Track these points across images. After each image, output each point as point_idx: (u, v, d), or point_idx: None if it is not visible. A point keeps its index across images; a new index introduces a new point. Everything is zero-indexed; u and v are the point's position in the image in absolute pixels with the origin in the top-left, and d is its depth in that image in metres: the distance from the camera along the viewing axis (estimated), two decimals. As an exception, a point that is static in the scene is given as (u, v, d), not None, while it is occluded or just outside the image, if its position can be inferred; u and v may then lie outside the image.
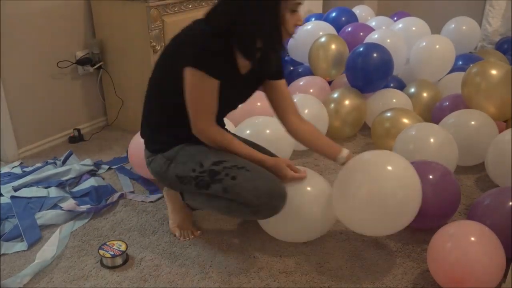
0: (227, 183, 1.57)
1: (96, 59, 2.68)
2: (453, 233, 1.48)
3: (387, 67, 2.67)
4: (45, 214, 1.91)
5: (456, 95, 2.57)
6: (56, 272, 1.64)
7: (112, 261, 1.65)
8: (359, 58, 2.65)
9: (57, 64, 2.55)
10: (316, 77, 2.89)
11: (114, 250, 1.67)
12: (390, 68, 2.68)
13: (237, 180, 1.56)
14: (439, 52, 2.90)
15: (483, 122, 2.24)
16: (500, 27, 4.02)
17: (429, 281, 1.59)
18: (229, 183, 1.57)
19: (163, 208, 2.01)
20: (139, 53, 2.55)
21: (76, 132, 2.68)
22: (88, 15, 2.67)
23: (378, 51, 2.64)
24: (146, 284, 1.58)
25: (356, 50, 2.69)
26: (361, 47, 2.69)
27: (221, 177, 1.58)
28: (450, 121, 2.29)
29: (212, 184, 1.59)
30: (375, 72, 2.64)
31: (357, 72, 2.67)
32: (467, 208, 1.99)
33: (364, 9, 3.89)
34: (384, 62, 2.65)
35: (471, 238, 1.45)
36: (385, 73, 2.68)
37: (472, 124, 2.23)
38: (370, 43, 2.77)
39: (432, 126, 2.18)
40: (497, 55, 3.28)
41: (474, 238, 1.45)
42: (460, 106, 2.46)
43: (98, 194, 2.08)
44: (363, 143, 2.67)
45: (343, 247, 1.77)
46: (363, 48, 2.67)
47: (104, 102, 2.87)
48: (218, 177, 1.58)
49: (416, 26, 3.23)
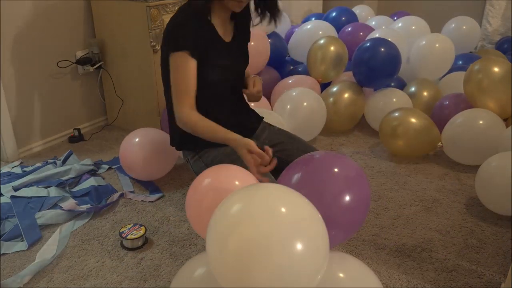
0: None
1: (96, 59, 2.68)
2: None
3: (395, 62, 2.66)
4: (45, 214, 1.91)
5: (456, 94, 2.58)
6: (56, 272, 1.64)
7: (132, 243, 1.75)
8: (366, 53, 2.65)
9: (57, 64, 2.55)
10: (307, 76, 2.89)
11: (134, 233, 1.76)
12: (397, 63, 2.67)
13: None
14: (439, 50, 2.91)
15: (490, 122, 2.24)
16: (500, 27, 4.02)
17: (429, 281, 1.59)
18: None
19: (163, 208, 2.01)
20: (139, 53, 2.55)
21: (76, 132, 2.68)
22: (88, 15, 2.67)
23: (385, 46, 2.64)
24: (146, 284, 1.58)
25: (364, 45, 2.69)
26: (368, 42, 2.69)
27: None
28: (458, 120, 2.30)
29: None
30: (382, 67, 2.64)
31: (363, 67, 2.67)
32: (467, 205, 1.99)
33: (364, 9, 3.89)
34: (392, 57, 2.64)
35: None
36: (393, 69, 2.67)
37: (480, 123, 2.25)
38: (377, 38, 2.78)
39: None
40: (497, 54, 3.28)
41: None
42: (460, 105, 2.47)
43: (98, 194, 2.08)
44: (371, 143, 2.68)
45: (343, 246, 1.77)
46: (371, 43, 2.67)
47: (104, 102, 2.87)
48: None
49: (416, 25, 3.23)
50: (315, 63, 2.86)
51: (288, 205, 1.01)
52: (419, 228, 1.89)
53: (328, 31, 3.12)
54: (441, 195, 2.14)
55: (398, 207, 2.04)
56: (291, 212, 0.99)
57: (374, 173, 2.34)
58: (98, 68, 2.70)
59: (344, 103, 2.67)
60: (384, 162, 2.44)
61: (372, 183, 2.24)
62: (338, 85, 2.74)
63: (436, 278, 1.61)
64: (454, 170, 2.36)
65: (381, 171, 2.35)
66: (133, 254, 1.73)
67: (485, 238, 1.83)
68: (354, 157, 2.50)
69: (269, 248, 0.94)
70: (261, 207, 0.99)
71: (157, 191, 2.14)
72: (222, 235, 0.99)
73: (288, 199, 1.03)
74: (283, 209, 0.99)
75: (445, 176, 2.31)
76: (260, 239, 0.94)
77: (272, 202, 1.01)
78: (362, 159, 2.48)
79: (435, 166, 2.40)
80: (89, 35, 2.70)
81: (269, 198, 1.02)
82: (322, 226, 1.03)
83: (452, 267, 1.67)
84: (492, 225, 1.91)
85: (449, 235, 1.85)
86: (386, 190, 2.17)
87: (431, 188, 2.20)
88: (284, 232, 0.96)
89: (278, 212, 0.98)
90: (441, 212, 2.00)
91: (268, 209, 0.99)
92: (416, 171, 2.35)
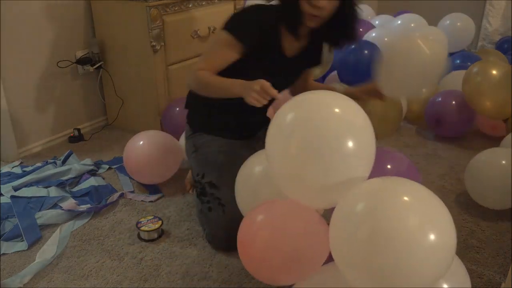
0: (204, 208, 1.73)
1: (96, 59, 2.68)
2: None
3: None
4: (45, 214, 1.91)
5: (449, 91, 2.61)
6: (56, 272, 1.64)
7: (149, 234, 1.80)
8: (350, 55, 2.66)
9: (57, 64, 2.55)
10: None
11: (150, 225, 1.81)
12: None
13: (211, 214, 1.71)
14: None
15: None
16: (500, 27, 4.02)
17: (429, 281, 1.59)
18: (205, 210, 1.73)
19: (163, 208, 2.01)
20: (139, 53, 2.55)
21: (76, 131, 2.68)
22: (88, 15, 2.67)
23: (368, 48, 2.66)
24: (146, 284, 1.58)
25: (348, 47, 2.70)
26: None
27: (205, 199, 1.73)
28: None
29: (197, 197, 1.78)
30: (366, 68, 2.64)
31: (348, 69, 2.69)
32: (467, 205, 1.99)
33: (364, 9, 3.89)
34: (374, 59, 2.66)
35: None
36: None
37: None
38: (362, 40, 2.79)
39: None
40: (497, 54, 3.28)
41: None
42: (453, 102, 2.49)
43: (98, 194, 2.08)
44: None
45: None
46: (355, 46, 2.68)
47: (104, 102, 2.87)
48: (203, 198, 1.74)
49: (415, 22, 3.24)
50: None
51: (342, 112, 1.13)
52: (419, 228, 1.89)
53: None
54: (441, 195, 2.12)
55: (398, 207, 2.03)
56: (342, 113, 1.12)
57: (374, 173, 2.33)
58: (98, 68, 2.70)
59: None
60: (384, 162, 2.44)
61: (372, 183, 2.23)
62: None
63: (436, 278, 1.61)
64: (454, 170, 2.36)
65: (381, 171, 2.35)
66: (133, 254, 1.73)
67: (485, 238, 1.83)
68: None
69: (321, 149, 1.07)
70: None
71: (157, 191, 2.14)
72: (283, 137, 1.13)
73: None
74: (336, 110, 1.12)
75: (445, 176, 2.30)
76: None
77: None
78: (362, 159, 2.47)
79: (435, 166, 2.40)
80: (89, 35, 2.70)
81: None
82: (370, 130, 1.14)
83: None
84: (492, 225, 1.91)
85: (449, 235, 1.84)
86: (386, 190, 2.17)
87: (431, 188, 2.17)
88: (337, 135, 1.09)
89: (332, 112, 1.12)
90: (441, 212, 2.00)
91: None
92: (416, 171, 2.35)
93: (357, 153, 1.09)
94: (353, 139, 1.08)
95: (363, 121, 1.13)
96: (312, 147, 1.08)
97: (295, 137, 1.10)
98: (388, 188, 1.05)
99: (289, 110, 1.14)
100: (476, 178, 1.97)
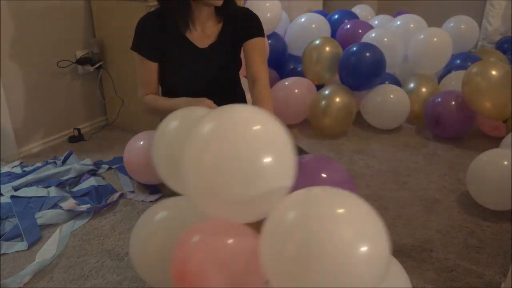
0: None
1: (96, 59, 2.68)
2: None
3: (380, 67, 2.69)
4: (45, 214, 1.91)
5: (449, 91, 2.61)
6: (56, 272, 1.64)
7: None
8: (352, 58, 2.67)
9: (57, 64, 2.55)
10: (303, 78, 2.89)
11: None
12: (382, 67, 2.71)
13: None
14: (437, 44, 2.92)
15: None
16: (500, 27, 4.02)
17: (429, 281, 1.59)
18: None
19: (163, 208, 2.01)
20: (139, 53, 2.55)
21: (76, 131, 2.68)
22: (88, 15, 2.67)
23: (370, 51, 2.67)
24: (146, 284, 1.58)
25: (350, 50, 2.72)
26: (354, 47, 2.72)
27: None
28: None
29: None
30: (367, 72, 2.67)
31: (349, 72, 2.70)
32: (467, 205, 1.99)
33: (364, 9, 3.89)
34: (377, 62, 2.67)
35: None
36: (377, 73, 2.71)
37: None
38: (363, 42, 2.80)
39: None
40: (497, 54, 3.28)
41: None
42: (452, 102, 2.49)
43: (98, 194, 2.08)
44: (371, 142, 2.68)
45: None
46: (356, 48, 2.70)
47: (104, 102, 2.87)
48: None
49: (414, 23, 3.24)
50: (310, 64, 2.86)
51: (259, 126, 1.06)
52: (419, 228, 1.89)
53: (320, 23, 3.16)
54: (441, 195, 2.14)
55: (398, 207, 2.04)
56: (262, 132, 1.05)
57: (374, 173, 2.34)
58: (98, 68, 2.70)
59: (336, 107, 2.65)
60: (384, 162, 2.44)
61: (372, 183, 2.24)
62: (330, 88, 2.72)
63: (436, 278, 1.61)
64: (454, 170, 2.36)
65: (381, 171, 2.35)
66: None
67: (485, 238, 1.83)
68: (354, 157, 2.50)
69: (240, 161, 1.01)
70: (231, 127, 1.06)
71: (157, 191, 2.14)
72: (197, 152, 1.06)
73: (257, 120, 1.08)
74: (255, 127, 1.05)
75: (445, 176, 2.31)
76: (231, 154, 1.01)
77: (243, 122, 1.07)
78: (362, 159, 2.48)
79: (435, 166, 2.40)
80: (89, 35, 2.70)
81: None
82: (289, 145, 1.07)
83: (452, 267, 1.67)
84: (492, 225, 1.91)
85: (449, 235, 1.85)
86: (386, 190, 2.17)
87: (431, 188, 2.20)
88: (253, 147, 1.02)
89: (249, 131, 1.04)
90: (441, 212, 2.00)
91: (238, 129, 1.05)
92: (416, 171, 2.35)
93: (274, 164, 1.02)
94: (270, 151, 1.02)
95: (281, 134, 1.07)
96: (227, 159, 1.01)
97: (210, 149, 1.04)
98: (318, 198, 1.00)
99: (205, 123, 1.08)
100: (478, 179, 1.96)
